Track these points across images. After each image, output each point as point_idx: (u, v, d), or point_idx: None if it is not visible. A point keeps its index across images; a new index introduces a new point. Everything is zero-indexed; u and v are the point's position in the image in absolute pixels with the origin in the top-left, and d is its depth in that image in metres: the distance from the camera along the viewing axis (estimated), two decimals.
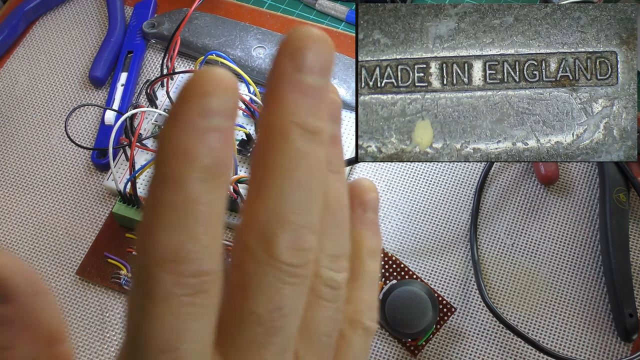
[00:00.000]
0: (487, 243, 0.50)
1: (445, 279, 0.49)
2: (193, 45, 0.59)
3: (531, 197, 0.52)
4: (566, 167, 0.53)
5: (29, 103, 0.59)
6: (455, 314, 0.47)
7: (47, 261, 0.51)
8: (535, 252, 0.49)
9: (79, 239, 0.52)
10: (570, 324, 0.47)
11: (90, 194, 0.54)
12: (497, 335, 0.47)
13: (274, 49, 0.58)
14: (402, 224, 0.51)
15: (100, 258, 0.50)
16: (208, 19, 0.60)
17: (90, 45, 0.61)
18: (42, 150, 0.56)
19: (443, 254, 0.50)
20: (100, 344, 0.47)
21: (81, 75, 0.60)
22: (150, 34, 0.60)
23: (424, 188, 0.53)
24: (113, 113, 0.56)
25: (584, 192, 0.52)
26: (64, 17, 0.63)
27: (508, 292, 0.48)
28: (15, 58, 0.61)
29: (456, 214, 0.51)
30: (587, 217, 0.51)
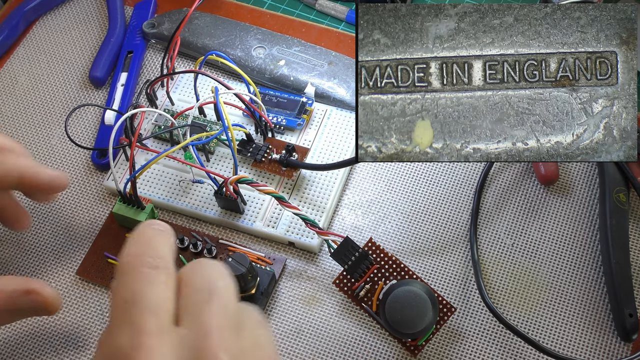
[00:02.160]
0: (487, 243, 0.50)
1: (445, 279, 0.49)
2: (193, 45, 0.59)
3: (531, 197, 0.52)
4: (566, 167, 0.53)
5: (29, 103, 0.59)
6: (455, 314, 0.47)
7: (47, 261, 0.51)
8: (535, 252, 0.49)
9: (79, 239, 0.52)
10: (570, 324, 0.47)
11: (90, 194, 0.54)
12: (497, 335, 0.47)
13: (274, 49, 0.58)
14: (402, 224, 0.51)
15: (100, 258, 0.50)
16: (208, 19, 0.60)
17: (90, 45, 0.61)
18: (42, 150, 0.56)
19: (443, 254, 0.50)
20: None
21: (81, 75, 0.60)
22: (150, 34, 0.60)
23: (424, 188, 0.53)
24: (113, 113, 0.56)
25: (584, 192, 0.52)
26: (64, 17, 0.63)
27: (508, 292, 0.48)
28: (15, 58, 0.61)
29: (456, 214, 0.51)
30: (587, 217, 0.51)
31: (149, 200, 0.50)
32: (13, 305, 0.42)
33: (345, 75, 0.56)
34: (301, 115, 0.54)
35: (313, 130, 0.54)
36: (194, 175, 0.52)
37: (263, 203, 0.51)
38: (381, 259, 0.46)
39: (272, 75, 0.57)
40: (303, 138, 0.54)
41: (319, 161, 0.53)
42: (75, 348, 0.47)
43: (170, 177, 0.53)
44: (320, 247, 0.50)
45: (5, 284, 0.42)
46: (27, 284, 0.43)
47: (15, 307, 0.42)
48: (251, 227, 0.50)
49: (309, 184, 0.52)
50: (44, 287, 0.43)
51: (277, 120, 0.54)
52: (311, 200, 0.51)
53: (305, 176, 0.52)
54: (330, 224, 0.51)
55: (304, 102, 0.54)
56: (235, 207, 0.50)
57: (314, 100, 0.55)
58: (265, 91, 0.55)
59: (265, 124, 0.53)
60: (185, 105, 0.56)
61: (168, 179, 0.53)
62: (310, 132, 0.54)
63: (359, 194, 0.52)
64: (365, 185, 0.53)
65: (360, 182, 0.53)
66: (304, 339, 0.47)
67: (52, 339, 0.48)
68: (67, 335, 0.48)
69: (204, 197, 0.52)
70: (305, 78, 0.56)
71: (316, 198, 0.51)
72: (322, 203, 0.51)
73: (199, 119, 0.55)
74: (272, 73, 0.57)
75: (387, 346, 0.46)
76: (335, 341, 0.47)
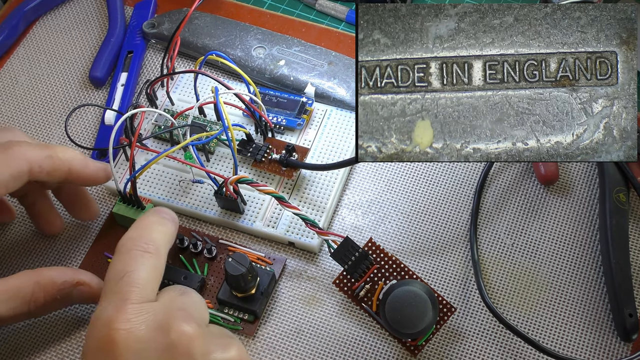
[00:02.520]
0: (487, 243, 0.50)
1: (445, 279, 0.49)
2: (193, 45, 0.59)
3: (531, 197, 0.52)
4: (566, 167, 0.53)
5: (29, 103, 0.59)
6: (455, 314, 0.47)
7: (48, 261, 0.51)
8: (535, 252, 0.49)
9: (79, 239, 0.52)
10: (570, 324, 0.47)
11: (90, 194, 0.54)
12: (497, 335, 0.47)
13: (274, 49, 0.58)
14: (402, 224, 0.51)
15: (101, 258, 0.50)
16: (208, 19, 0.60)
17: (90, 45, 0.61)
18: None
19: (443, 254, 0.50)
20: None
21: (81, 75, 0.60)
22: (150, 34, 0.60)
23: (424, 188, 0.53)
24: (113, 113, 0.56)
25: (584, 192, 0.52)
26: (64, 17, 0.63)
27: (508, 292, 0.48)
28: (15, 58, 0.61)
29: (456, 214, 0.51)
30: (587, 217, 0.51)
31: (149, 200, 0.50)
32: (63, 296, 0.45)
33: (345, 75, 0.56)
34: (301, 115, 0.54)
35: (313, 130, 0.54)
36: (194, 175, 0.52)
37: (263, 203, 0.51)
38: (381, 259, 0.46)
39: (272, 75, 0.57)
40: (303, 138, 0.54)
41: (319, 161, 0.53)
42: (75, 348, 0.47)
43: (170, 177, 0.53)
44: (320, 247, 0.50)
45: (57, 277, 0.45)
46: (76, 275, 0.45)
47: (65, 297, 0.45)
48: (251, 227, 0.50)
49: (309, 184, 0.52)
50: (92, 279, 0.46)
51: (277, 120, 0.54)
52: (311, 200, 0.51)
53: (305, 176, 0.52)
54: (330, 224, 0.51)
55: (304, 102, 0.54)
56: (235, 207, 0.50)
57: (314, 100, 0.55)
58: (265, 91, 0.55)
59: (265, 124, 0.53)
60: (185, 105, 0.56)
61: (168, 179, 0.53)
62: (310, 132, 0.54)
63: (359, 194, 0.52)
64: (365, 185, 0.53)
65: (360, 182, 0.53)
66: (304, 339, 0.47)
67: (52, 338, 0.48)
68: (67, 335, 0.48)
69: (204, 197, 0.52)
70: (305, 78, 0.56)
71: (316, 198, 0.51)
72: (322, 203, 0.51)
73: (199, 119, 0.55)
74: (272, 73, 0.57)
75: (387, 346, 0.46)
76: (335, 341, 0.47)
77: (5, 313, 0.43)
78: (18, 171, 0.42)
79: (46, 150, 0.44)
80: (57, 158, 0.44)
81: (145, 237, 0.40)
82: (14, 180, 0.42)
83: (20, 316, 0.44)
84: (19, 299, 0.43)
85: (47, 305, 0.45)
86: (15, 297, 0.43)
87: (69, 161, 0.45)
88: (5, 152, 0.42)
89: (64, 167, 0.45)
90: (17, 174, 0.42)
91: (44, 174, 0.43)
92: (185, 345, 0.36)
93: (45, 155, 0.43)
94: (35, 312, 0.44)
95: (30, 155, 0.43)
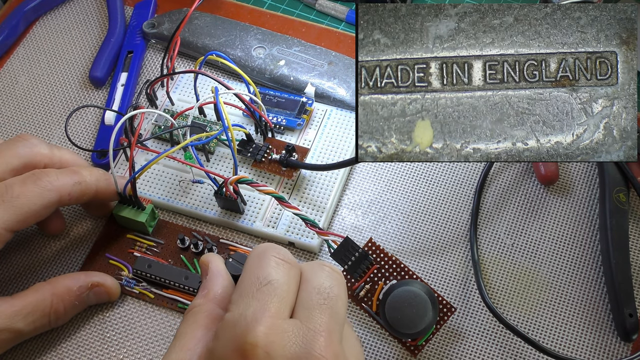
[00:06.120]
0: (487, 243, 0.50)
1: (445, 279, 0.49)
2: (193, 45, 0.59)
3: (531, 197, 0.52)
4: (566, 167, 0.53)
5: (29, 103, 0.59)
6: (455, 314, 0.47)
7: (48, 262, 0.51)
8: (535, 252, 0.49)
9: (80, 240, 0.52)
10: (570, 324, 0.47)
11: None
12: (497, 335, 0.47)
13: (274, 49, 0.58)
14: (402, 224, 0.51)
15: (102, 259, 0.50)
16: (208, 19, 0.60)
17: (90, 45, 0.61)
18: None
19: (443, 254, 0.50)
20: (100, 344, 0.47)
21: (81, 75, 0.60)
22: (150, 34, 0.60)
23: (424, 188, 0.53)
24: (113, 113, 0.56)
25: (584, 192, 0.52)
26: (64, 17, 0.63)
27: (508, 292, 0.48)
28: (15, 58, 0.61)
29: (456, 214, 0.51)
30: (587, 217, 0.51)
31: (149, 201, 0.50)
32: (81, 301, 0.46)
33: (345, 75, 0.56)
34: (301, 115, 0.54)
35: (313, 131, 0.54)
36: (194, 175, 0.52)
37: (263, 203, 0.51)
38: (381, 259, 0.46)
39: (272, 75, 0.57)
40: (303, 138, 0.54)
41: (319, 161, 0.53)
42: (75, 348, 0.47)
43: (170, 177, 0.53)
44: (320, 247, 0.50)
45: (71, 284, 0.46)
46: (89, 278, 0.47)
47: (82, 302, 0.47)
48: (251, 227, 0.50)
49: (309, 184, 0.52)
50: (105, 279, 0.47)
51: (277, 120, 0.54)
52: (311, 200, 0.51)
53: (305, 176, 0.52)
54: (330, 224, 0.51)
55: (304, 102, 0.54)
56: (235, 207, 0.50)
57: (314, 100, 0.55)
58: (265, 91, 0.56)
59: (265, 124, 0.53)
60: (185, 106, 0.56)
61: (168, 179, 0.53)
62: (310, 132, 0.54)
63: (359, 194, 0.52)
64: (365, 185, 0.53)
65: (360, 182, 0.53)
66: None
67: (52, 339, 0.48)
68: (67, 336, 0.48)
69: (204, 197, 0.52)
70: (305, 78, 0.56)
71: (316, 198, 0.51)
72: (322, 203, 0.51)
73: (199, 119, 0.55)
74: (272, 73, 0.57)
75: (387, 346, 0.46)
76: None
77: (25, 328, 0.44)
78: (48, 201, 0.44)
79: (74, 176, 0.45)
80: (84, 184, 0.46)
81: (276, 251, 0.38)
82: (44, 210, 0.44)
83: (41, 328, 0.45)
84: (38, 313, 0.44)
85: (68, 313, 0.46)
86: (34, 312, 0.44)
87: (96, 183, 0.46)
88: (36, 183, 0.44)
89: (91, 191, 0.46)
90: (47, 204, 0.44)
91: (73, 200, 0.45)
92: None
93: (73, 183, 0.45)
94: (56, 322, 0.46)
95: (59, 185, 0.44)
